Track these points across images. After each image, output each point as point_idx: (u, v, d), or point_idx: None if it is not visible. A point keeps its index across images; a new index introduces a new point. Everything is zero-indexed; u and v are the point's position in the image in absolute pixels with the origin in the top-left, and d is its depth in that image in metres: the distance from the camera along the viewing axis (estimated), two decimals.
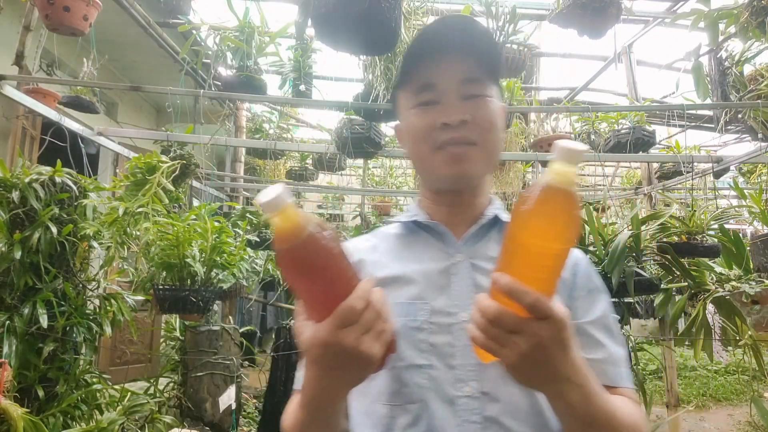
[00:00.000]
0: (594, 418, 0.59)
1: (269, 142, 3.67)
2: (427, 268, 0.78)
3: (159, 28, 3.54)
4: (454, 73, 0.76)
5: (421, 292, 0.75)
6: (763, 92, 2.71)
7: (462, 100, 0.76)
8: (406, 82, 0.80)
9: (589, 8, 2.36)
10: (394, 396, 0.72)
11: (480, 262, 0.78)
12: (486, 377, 0.70)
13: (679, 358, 6.60)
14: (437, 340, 0.72)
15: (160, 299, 2.11)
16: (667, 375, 3.40)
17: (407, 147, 0.82)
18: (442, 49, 0.76)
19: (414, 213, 0.85)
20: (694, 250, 2.31)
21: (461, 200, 0.82)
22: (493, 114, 0.77)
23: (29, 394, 1.93)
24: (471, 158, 0.75)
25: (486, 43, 0.77)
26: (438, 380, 0.70)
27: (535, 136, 4.00)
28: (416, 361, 0.71)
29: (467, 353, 0.71)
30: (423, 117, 0.77)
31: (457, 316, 0.73)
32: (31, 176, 2.03)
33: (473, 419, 0.68)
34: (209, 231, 2.14)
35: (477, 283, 0.76)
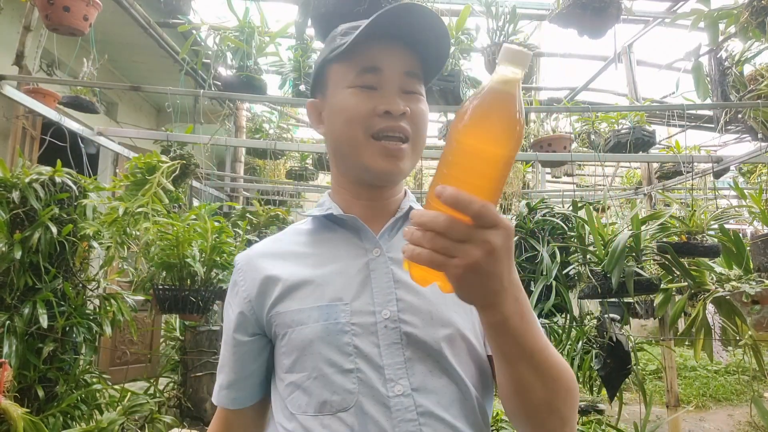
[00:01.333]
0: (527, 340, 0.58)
1: (269, 142, 3.67)
2: (345, 266, 0.75)
3: (159, 28, 3.54)
4: (401, 63, 0.75)
5: (339, 293, 0.73)
6: (763, 92, 2.71)
7: (401, 92, 0.75)
8: (349, 58, 0.75)
9: (589, 8, 2.36)
10: (323, 406, 0.69)
11: (398, 255, 0.76)
12: (414, 373, 0.69)
13: (679, 358, 6.60)
14: (361, 341, 0.70)
15: (160, 299, 2.11)
16: (667, 375, 3.40)
17: (333, 127, 0.77)
18: (395, 35, 0.74)
19: (327, 206, 0.81)
20: (694, 250, 2.31)
21: (382, 195, 0.80)
22: (425, 112, 0.77)
23: (29, 394, 1.93)
24: (404, 156, 0.74)
25: (440, 45, 0.76)
26: (367, 383, 0.68)
27: (535, 136, 4.00)
28: (344, 366, 0.69)
29: (393, 352, 0.70)
30: (363, 99, 0.73)
31: (379, 315, 0.71)
32: (31, 176, 2.03)
33: (409, 417, 0.67)
34: (209, 231, 2.14)
35: (396, 277, 0.74)
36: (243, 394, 0.80)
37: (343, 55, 0.75)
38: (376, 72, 0.74)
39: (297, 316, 0.73)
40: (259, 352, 0.79)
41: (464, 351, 0.73)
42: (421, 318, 0.72)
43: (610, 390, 2.45)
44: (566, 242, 2.33)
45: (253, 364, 0.80)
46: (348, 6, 1.70)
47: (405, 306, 0.72)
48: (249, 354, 0.79)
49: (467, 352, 0.73)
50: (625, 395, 2.66)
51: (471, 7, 2.87)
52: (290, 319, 0.73)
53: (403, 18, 0.72)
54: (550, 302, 2.18)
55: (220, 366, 0.83)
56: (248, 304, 0.78)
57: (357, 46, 0.74)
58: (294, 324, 0.73)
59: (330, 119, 0.78)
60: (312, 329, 0.71)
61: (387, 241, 0.78)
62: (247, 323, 0.78)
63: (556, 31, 3.52)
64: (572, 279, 2.31)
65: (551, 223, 2.37)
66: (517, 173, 4.15)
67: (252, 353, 0.79)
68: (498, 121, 0.48)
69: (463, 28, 2.89)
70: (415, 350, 0.70)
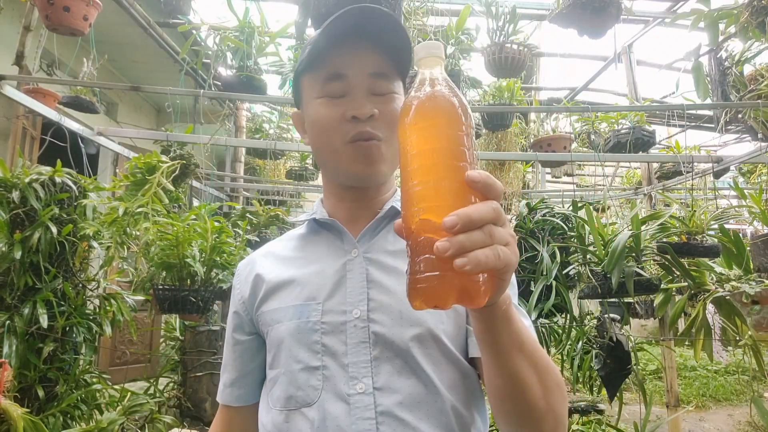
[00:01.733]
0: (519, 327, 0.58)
1: (269, 142, 3.67)
2: (324, 266, 0.78)
3: (159, 28, 3.54)
4: (365, 65, 0.75)
5: (314, 293, 0.75)
6: (763, 92, 2.71)
7: (370, 95, 0.75)
8: (314, 69, 0.77)
9: (589, 8, 2.36)
10: (288, 401, 0.72)
11: (375, 255, 0.77)
12: (380, 372, 0.70)
13: (679, 358, 6.60)
14: (329, 340, 0.72)
15: (159, 299, 2.11)
16: (667, 375, 3.40)
17: (312, 137, 0.80)
18: (353, 39, 0.74)
19: (314, 211, 0.85)
20: (694, 250, 2.31)
21: (364, 196, 0.81)
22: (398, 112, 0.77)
23: (29, 394, 1.93)
24: (380, 155, 0.75)
25: (398, 38, 0.76)
26: (332, 380, 0.70)
27: (535, 136, 4.00)
28: (311, 363, 0.72)
29: (359, 351, 0.71)
30: (331, 108, 0.75)
31: (350, 314, 0.73)
32: (31, 176, 2.03)
33: (367, 415, 0.68)
34: (209, 231, 2.14)
35: (370, 277, 0.75)
36: (245, 391, 0.84)
37: (309, 66, 0.77)
38: (341, 78, 0.75)
39: (276, 315, 0.77)
40: (257, 350, 0.83)
41: (436, 352, 0.72)
42: (391, 317, 0.72)
43: (610, 390, 2.45)
44: (566, 242, 2.33)
45: (252, 363, 0.84)
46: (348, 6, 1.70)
47: (376, 305, 0.73)
48: (247, 352, 0.84)
49: (440, 353, 0.72)
50: (625, 395, 2.66)
51: (471, 7, 2.87)
52: (270, 318, 0.77)
53: (356, 18, 0.73)
54: (550, 302, 2.18)
55: (223, 365, 0.87)
56: (242, 305, 0.83)
57: (319, 54, 0.75)
58: (273, 322, 0.77)
59: (309, 130, 0.80)
60: (286, 327, 0.74)
61: (367, 241, 0.79)
62: (243, 323, 0.84)
63: (556, 31, 3.52)
64: (572, 279, 2.30)
65: (551, 223, 2.37)
66: (517, 173, 4.15)
67: (250, 351, 0.84)
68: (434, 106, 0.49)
69: (463, 28, 2.89)
70: (383, 350, 0.71)
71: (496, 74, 3.04)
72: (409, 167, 0.49)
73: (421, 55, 0.53)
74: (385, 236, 0.80)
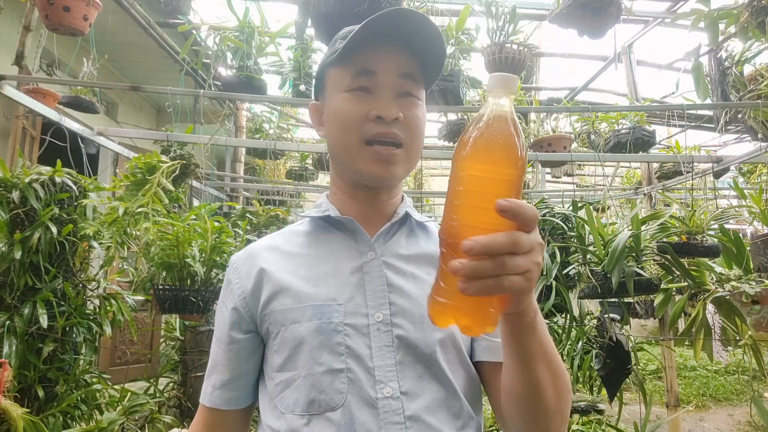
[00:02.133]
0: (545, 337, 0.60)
1: (269, 142, 3.67)
2: (340, 267, 0.76)
3: (159, 28, 3.54)
4: (396, 65, 0.75)
5: (334, 293, 0.73)
6: (763, 92, 2.71)
7: (397, 96, 0.75)
8: (344, 62, 0.76)
9: (589, 8, 2.36)
10: (311, 405, 0.69)
11: (392, 260, 0.77)
12: (405, 376, 0.70)
13: (679, 358, 6.60)
14: (353, 342, 0.70)
15: (160, 299, 2.11)
16: (667, 375, 3.40)
17: (330, 131, 0.78)
18: (389, 38, 0.74)
19: (325, 208, 0.82)
20: (694, 250, 2.30)
21: (377, 197, 0.81)
22: (421, 116, 0.77)
23: (29, 394, 1.93)
24: (397, 161, 0.74)
25: (435, 46, 0.75)
26: (357, 383, 0.69)
27: (535, 136, 4.00)
28: (334, 365, 0.69)
29: (384, 354, 0.70)
30: (356, 104, 0.74)
31: (372, 317, 0.72)
32: (31, 176, 2.03)
33: (396, 420, 0.67)
34: (209, 231, 2.14)
35: (389, 281, 0.74)
36: (238, 394, 0.80)
37: (340, 59, 0.76)
38: (370, 75, 0.74)
39: (291, 314, 0.73)
40: (253, 350, 0.79)
41: (454, 357, 0.74)
42: (414, 322, 0.72)
43: (610, 390, 2.45)
44: (566, 242, 2.33)
45: (247, 363, 0.79)
46: (348, 6, 1.70)
47: (398, 310, 0.73)
48: (243, 352, 0.79)
49: (457, 358, 0.74)
50: (625, 395, 2.66)
51: (471, 7, 2.87)
52: (284, 317, 0.73)
53: (396, 20, 0.72)
54: (550, 302, 2.18)
55: (212, 365, 0.82)
56: (243, 301, 0.78)
57: (353, 49, 0.74)
58: (287, 322, 0.73)
59: (328, 123, 0.79)
60: (305, 327, 0.71)
61: (382, 245, 0.79)
62: (242, 320, 0.78)
63: (556, 31, 3.52)
64: (572, 279, 2.30)
65: (551, 223, 2.37)
66: None
67: (246, 351, 0.79)
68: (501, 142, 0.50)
69: (463, 28, 2.89)
70: (406, 354, 0.71)
71: None
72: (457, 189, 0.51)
73: (492, 85, 0.52)
74: (398, 240, 0.80)
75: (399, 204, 0.83)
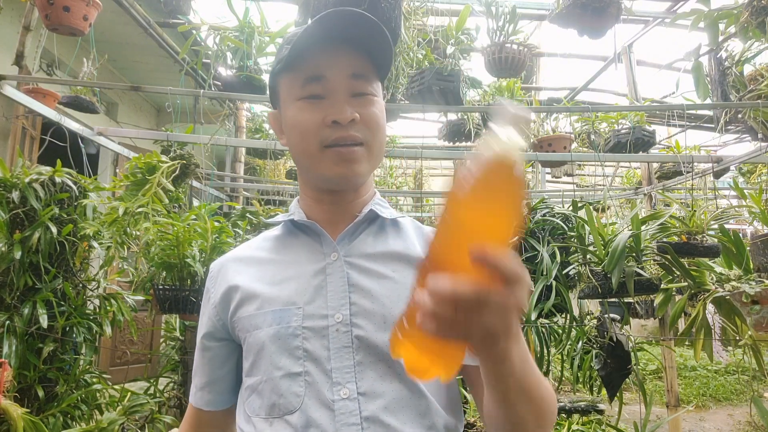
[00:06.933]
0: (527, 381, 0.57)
1: (269, 142, 3.67)
2: (303, 270, 0.76)
3: (159, 28, 3.54)
4: (344, 67, 0.74)
5: (294, 297, 0.73)
6: (763, 92, 2.71)
7: (350, 97, 0.74)
8: (292, 70, 0.76)
9: (589, 8, 2.36)
10: (271, 409, 0.70)
11: (355, 259, 0.76)
12: (364, 377, 0.69)
13: (679, 358, 6.60)
14: (311, 345, 0.71)
15: (160, 299, 2.11)
16: (667, 375, 3.40)
17: (290, 140, 0.78)
18: (334, 40, 0.74)
19: (291, 212, 0.83)
20: (694, 250, 2.30)
21: (343, 199, 0.80)
22: (379, 113, 0.76)
23: (29, 394, 1.93)
24: (358, 158, 0.74)
25: (378, 39, 0.75)
26: (314, 386, 0.69)
27: (535, 136, 4.00)
28: (292, 369, 0.70)
29: (342, 356, 0.70)
30: (310, 112, 0.74)
31: (332, 318, 0.71)
32: (31, 176, 2.03)
33: (351, 421, 0.67)
34: (209, 231, 2.14)
35: (351, 281, 0.74)
36: (214, 397, 0.82)
37: (288, 66, 0.76)
38: (320, 80, 0.74)
39: (253, 320, 0.74)
40: (227, 357, 0.81)
41: None
42: (374, 322, 0.72)
43: (610, 390, 2.45)
44: (566, 242, 2.33)
45: (221, 369, 0.82)
46: (348, 6, 1.70)
47: (358, 310, 0.72)
48: (217, 359, 0.81)
49: None
50: (625, 395, 2.66)
51: (471, 7, 2.87)
52: (248, 324, 0.74)
53: (335, 21, 0.72)
54: (550, 302, 2.18)
55: (194, 368, 0.85)
56: (214, 310, 0.80)
57: (298, 56, 0.74)
58: (251, 328, 0.74)
59: (287, 133, 0.79)
60: (265, 333, 0.72)
61: (346, 245, 0.78)
62: (214, 328, 0.80)
63: (556, 31, 3.52)
64: (572, 279, 2.30)
65: (551, 223, 2.37)
66: None
67: (219, 358, 0.81)
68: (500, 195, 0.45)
69: (463, 28, 2.89)
70: (366, 354, 0.70)
71: (496, 74, 3.03)
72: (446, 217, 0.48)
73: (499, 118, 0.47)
74: (365, 239, 0.79)
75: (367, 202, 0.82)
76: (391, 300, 0.73)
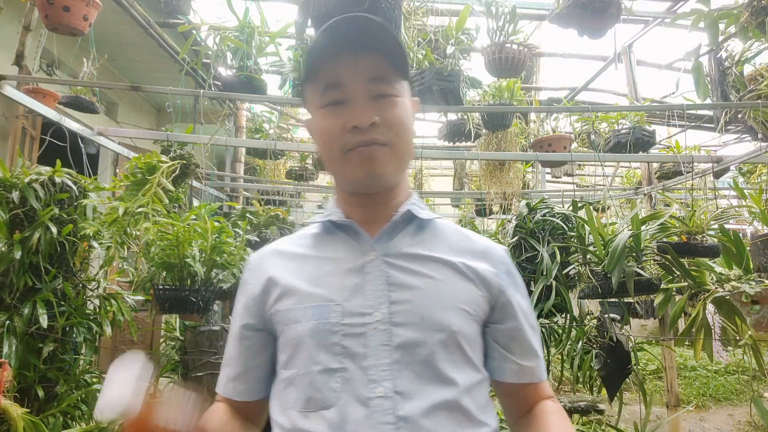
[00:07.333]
0: None
1: (269, 142, 3.67)
2: (341, 268, 0.77)
3: (159, 28, 3.54)
4: (361, 71, 0.75)
5: (333, 294, 0.74)
6: (763, 92, 2.71)
7: (370, 100, 0.75)
8: (312, 79, 0.78)
9: (589, 8, 2.36)
10: (308, 403, 0.71)
11: (394, 259, 0.77)
12: (401, 376, 0.70)
13: (679, 358, 6.60)
14: (349, 342, 0.71)
15: (160, 299, 2.11)
16: (667, 375, 3.39)
17: (318, 147, 0.81)
18: (346, 46, 0.75)
19: (330, 212, 0.84)
20: (694, 250, 2.30)
21: (375, 201, 0.81)
22: (402, 113, 0.77)
23: (29, 394, 1.93)
24: (381, 158, 0.75)
25: (389, 40, 0.76)
26: (351, 383, 0.70)
27: (535, 136, 4.00)
28: (330, 365, 0.71)
29: (380, 353, 0.71)
30: (332, 119, 0.75)
31: (370, 316, 0.72)
32: (31, 176, 2.03)
33: (386, 419, 0.67)
34: (209, 231, 2.14)
35: (390, 280, 0.75)
36: (248, 387, 0.82)
37: (309, 76, 0.78)
38: (338, 87, 0.75)
39: (292, 314, 0.75)
40: (263, 347, 0.82)
41: (458, 357, 0.73)
42: (414, 321, 0.72)
43: (610, 390, 2.45)
44: (566, 242, 2.33)
45: (256, 359, 0.82)
46: (348, 6, 1.70)
47: (397, 309, 0.73)
48: (253, 348, 0.82)
49: (461, 358, 0.73)
50: (625, 395, 2.66)
51: (471, 7, 2.87)
52: (286, 317, 0.76)
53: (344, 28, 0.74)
54: (550, 302, 2.18)
55: (226, 359, 0.85)
56: (253, 301, 0.81)
57: (316, 66, 0.76)
58: (289, 322, 0.75)
59: (314, 140, 0.82)
60: (304, 327, 0.73)
61: (384, 244, 0.79)
62: (252, 318, 0.81)
63: (556, 31, 3.52)
64: (572, 279, 2.30)
65: (551, 223, 2.37)
66: (517, 173, 4.14)
67: (255, 348, 0.82)
68: None
69: (463, 28, 2.89)
70: (404, 354, 0.71)
71: (496, 74, 3.03)
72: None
73: None
74: (403, 239, 0.80)
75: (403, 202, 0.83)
76: (430, 299, 0.74)
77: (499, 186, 3.97)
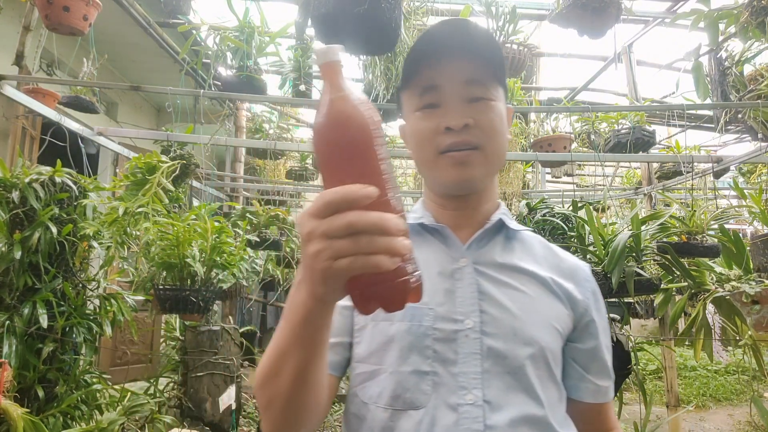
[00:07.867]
0: None
1: (269, 142, 3.67)
2: (431, 272, 0.76)
3: (159, 28, 3.54)
4: (457, 74, 0.76)
5: (426, 297, 0.73)
6: (763, 92, 2.71)
7: (465, 103, 0.75)
8: (409, 84, 0.79)
9: (589, 8, 2.36)
10: (395, 400, 0.71)
11: (485, 268, 0.77)
12: (490, 386, 0.70)
13: (679, 358, 6.60)
14: (441, 347, 0.72)
15: (160, 299, 2.11)
16: (667, 375, 3.40)
17: (411, 149, 0.81)
18: (444, 50, 0.75)
19: (420, 215, 0.84)
20: (694, 250, 2.30)
21: (466, 204, 0.81)
22: (496, 117, 0.77)
23: (29, 395, 1.93)
24: (473, 162, 0.75)
25: (488, 45, 0.77)
26: (442, 387, 0.70)
27: (535, 136, 4.00)
28: (421, 368, 0.71)
29: (470, 361, 0.71)
30: (426, 120, 0.76)
31: (462, 324, 0.72)
32: (31, 176, 2.03)
33: (475, 427, 0.67)
34: (209, 231, 2.14)
35: (481, 289, 0.75)
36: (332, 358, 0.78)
37: (406, 81, 0.79)
38: (434, 90, 0.76)
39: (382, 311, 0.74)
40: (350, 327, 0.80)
41: (544, 372, 0.73)
42: (504, 333, 0.72)
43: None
44: (566, 242, 2.33)
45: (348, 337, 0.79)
46: (348, 6, 1.70)
47: (488, 318, 0.73)
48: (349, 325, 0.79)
49: (547, 373, 0.74)
50: (625, 395, 2.66)
51: (471, 7, 2.87)
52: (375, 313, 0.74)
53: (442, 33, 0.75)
54: None
55: None
56: None
57: (411, 69, 0.77)
58: (378, 318, 0.75)
59: (409, 143, 0.82)
60: (397, 327, 0.73)
61: (475, 251, 0.79)
62: None
63: (556, 31, 3.52)
64: None
65: (551, 223, 2.37)
66: (517, 173, 4.14)
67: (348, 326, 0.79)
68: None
69: None
70: (494, 363, 0.71)
71: None
72: None
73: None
74: (493, 248, 0.80)
75: (494, 211, 0.83)
76: (521, 312, 0.74)
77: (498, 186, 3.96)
